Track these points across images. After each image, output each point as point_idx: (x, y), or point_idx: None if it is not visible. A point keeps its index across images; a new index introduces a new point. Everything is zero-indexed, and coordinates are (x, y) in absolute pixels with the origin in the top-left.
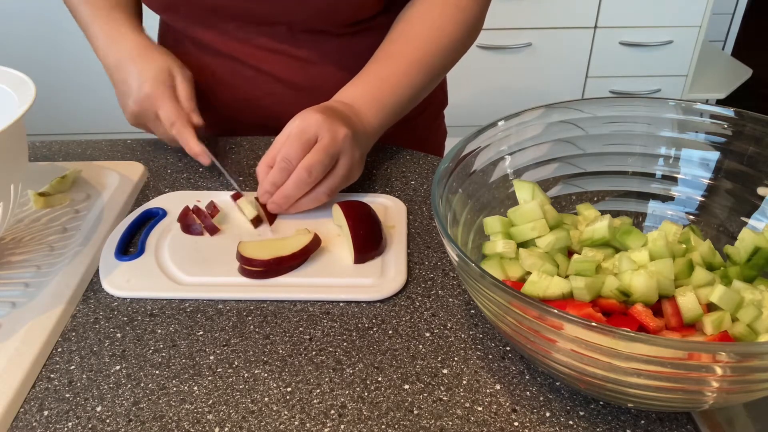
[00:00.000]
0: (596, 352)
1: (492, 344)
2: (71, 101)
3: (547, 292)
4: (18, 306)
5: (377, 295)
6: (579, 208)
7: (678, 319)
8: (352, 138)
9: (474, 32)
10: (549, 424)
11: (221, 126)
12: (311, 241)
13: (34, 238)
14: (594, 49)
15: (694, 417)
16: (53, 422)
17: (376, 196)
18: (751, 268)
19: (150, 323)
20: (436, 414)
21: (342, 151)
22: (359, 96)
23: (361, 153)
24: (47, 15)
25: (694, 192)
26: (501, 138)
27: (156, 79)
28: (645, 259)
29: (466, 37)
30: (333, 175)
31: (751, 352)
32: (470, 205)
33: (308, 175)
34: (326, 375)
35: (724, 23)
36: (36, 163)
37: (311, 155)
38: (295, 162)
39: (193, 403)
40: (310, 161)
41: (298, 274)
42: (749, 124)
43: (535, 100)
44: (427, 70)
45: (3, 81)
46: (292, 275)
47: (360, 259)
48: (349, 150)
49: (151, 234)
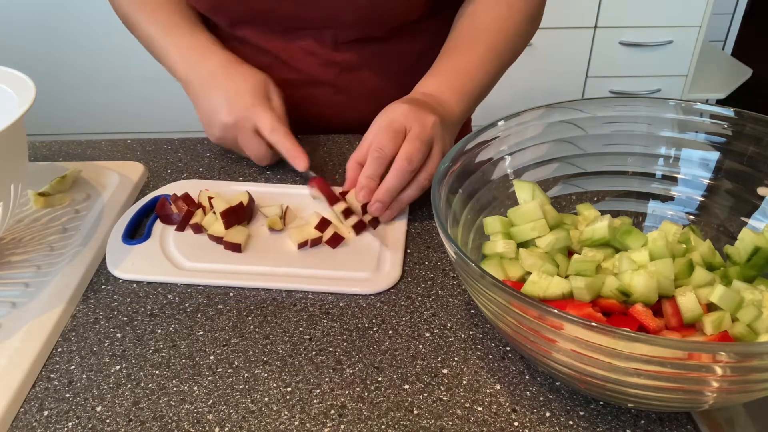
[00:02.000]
0: (596, 352)
1: (492, 344)
2: (71, 101)
3: (547, 292)
4: (18, 306)
5: (372, 289)
6: (579, 208)
7: (678, 319)
8: (441, 124)
9: (536, 21)
10: (549, 424)
11: None
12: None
13: (34, 238)
14: (594, 49)
15: (694, 417)
16: (53, 422)
17: None
18: (751, 268)
19: (150, 323)
20: (436, 414)
21: (434, 137)
22: (438, 86)
23: (450, 138)
24: (47, 15)
25: (694, 192)
26: (501, 138)
27: (255, 93)
28: (645, 259)
29: (530, 25)
30: (431, 162)
31: (751, 352)
32: (470, 205)
33: (409, 164)
34: (326, 375)
35: (724, 23)
36: (36, 163)
37: (407, 144)
38: (388, 151)
39: (193, 403)
40: (407, 150)
41: (295, 265)
42: (749, 124)
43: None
44: (497, 59)
45: (3, 81)
46: (289, 266)
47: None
48: (441, 136)
49: (158, 220)
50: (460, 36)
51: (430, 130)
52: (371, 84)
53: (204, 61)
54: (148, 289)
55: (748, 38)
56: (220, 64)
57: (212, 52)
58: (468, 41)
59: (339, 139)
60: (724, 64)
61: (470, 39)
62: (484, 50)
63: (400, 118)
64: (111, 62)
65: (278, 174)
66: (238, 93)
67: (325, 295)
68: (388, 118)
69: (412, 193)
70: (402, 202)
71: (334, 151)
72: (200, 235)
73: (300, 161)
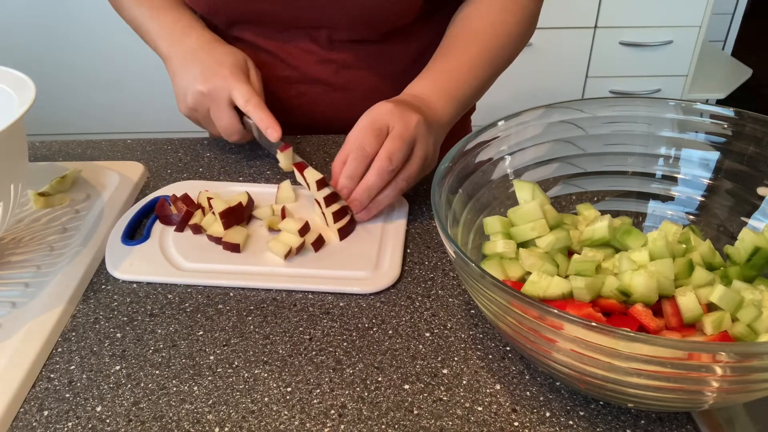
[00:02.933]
0: (596, 352)
1: (492, 344)
2: (71, 101)
3: (547, 292)
4: (18, 306)
5: (371, 288)
6: (579, 208)
7: (678, 319)
8: (425, 124)
9: (532, 26)
10: (549, 424)
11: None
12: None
13: (34, 238)
14: (594, 49)
15: (694, 417)
16: (53, 422)
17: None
18: (751, 268)
19: (150, 323)
20: (436, 414)
21: (417, 137)
22: (426, 88)
23: (435, 141)
24: (47, 15)
25: (694, 192)
26: (501, 138)
27: (235, 65)
28: (645, 259)
29: (525, 31)
30: (410, 163)
31: (751, 352)
32: (470, 205)
33: (389, 163)
34: (326, 375)
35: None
36: (36, 163)
37: (388, 143)
38: (369, 150)
39: (193, 403)
40: (388, 148)
41: (294, 265)
42: (749, 124)
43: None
44: (489, 63)
45: (3, 81)
46: (288, 266)
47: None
48: (424, 136)
49: (158, 221)
50: (453, 39)
51: (413, 129)
52: (368, 83)
53: (186, 37)
54: (148, 289)
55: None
56: (202, 41)
57: (194, 28)
58: (460, 45)
59: (339, 139)
60: (724, 64)
61: (462, 43)
62: (475, 54)
63: (384, 116)
64: (111, 62)
65: (278, 174)
66: (218, 64)
67: (325, 295)
68: (371, 117)
69: (389, 193)
70: (379, 203)
71: (333, 152)
72: (199, 236)
73: (273, 131)
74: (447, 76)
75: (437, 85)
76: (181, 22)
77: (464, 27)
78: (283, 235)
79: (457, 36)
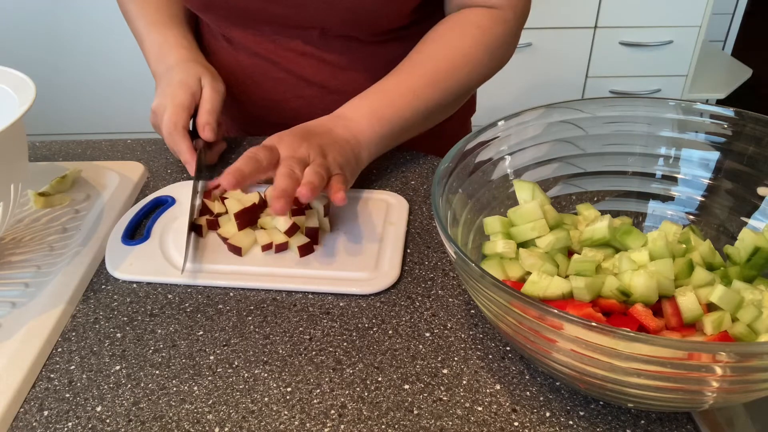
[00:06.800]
0: (596, 352)
1: (492, 344)
2: (71, 101)
3: (547, 292)
4: (18, 306)
5: (371, 289)
6: (579, 208)
7: (678, 319)
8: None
9: (498, 53)
10: (549, 424)
11: (247, 125)
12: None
13: (34, 238)
14: (594, 49)
15: (694, 417)
16: (53, 422)
17: (378, 193)
18: (751, 268)
19: (150, 323)
20: (436, 414)
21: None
22: (356, 107)
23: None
24: (48, 15)
25: (694, 192)
26: (501, 138)
27: (181, 83)
28: (645, 259)
29: (487, 59)
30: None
31: (751, 352)
32: (470, 205)
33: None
34: (326, 375)
35: (724, 23)
36: (36, 163)
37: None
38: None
39: (193, 403)
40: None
41: (293, 266)
42: (749, 124)
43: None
44: (440, 88)
45: (3, 81)
46: (287, 267)
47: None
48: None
49: (158, 221)
50: (407, 60)
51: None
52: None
53: (166, 56)
54: (148, 289)
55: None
56: (178, 59)
57: (178, 47)
58: (412, 67)
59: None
60: (724, 64)
61: (414, 65)
62: (425, 77)
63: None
64: (111, 62)
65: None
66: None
67: (324, 295)
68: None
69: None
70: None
71: None
72: (199, 237)
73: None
74: (384, 96)
75: (369, 103)
76: (169, 40)
77: (422, 50)
78: (269, 231)
79: (411, 58)
